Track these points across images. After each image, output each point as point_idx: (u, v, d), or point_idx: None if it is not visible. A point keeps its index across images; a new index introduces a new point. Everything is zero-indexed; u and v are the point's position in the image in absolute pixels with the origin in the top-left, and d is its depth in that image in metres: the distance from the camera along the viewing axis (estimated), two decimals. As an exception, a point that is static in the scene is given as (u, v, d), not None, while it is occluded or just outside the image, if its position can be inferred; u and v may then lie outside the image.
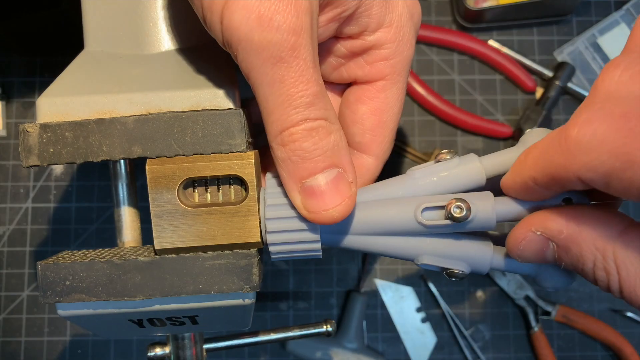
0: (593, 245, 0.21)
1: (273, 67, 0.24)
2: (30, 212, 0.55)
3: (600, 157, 0.18)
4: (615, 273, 0.21)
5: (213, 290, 0.27)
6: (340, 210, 0.25)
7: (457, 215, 0.25)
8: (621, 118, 0.18)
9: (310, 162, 0.25)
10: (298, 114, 0.24)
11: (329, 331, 0.38)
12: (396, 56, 0.31)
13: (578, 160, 0.19)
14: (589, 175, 0.19)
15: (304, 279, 0.55)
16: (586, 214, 0.22)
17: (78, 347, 0.54)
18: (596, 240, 0.21)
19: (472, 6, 0.54)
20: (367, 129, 0.31)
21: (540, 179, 0.22)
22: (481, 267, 0.27)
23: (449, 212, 0.25)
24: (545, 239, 0.23)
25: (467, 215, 0.25)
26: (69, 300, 0.27)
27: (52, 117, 0.27)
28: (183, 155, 0.27)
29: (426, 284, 0.55)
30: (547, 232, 0.23)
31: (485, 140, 0.56)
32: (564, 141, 0.19)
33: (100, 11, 0.32)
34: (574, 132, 0.19)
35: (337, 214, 0.25)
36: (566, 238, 0.22)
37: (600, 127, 0.18)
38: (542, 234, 0.23)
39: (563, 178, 0.20)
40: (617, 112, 0.18)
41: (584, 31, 0.57)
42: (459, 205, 0.25)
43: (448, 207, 0.25)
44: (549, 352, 0.53)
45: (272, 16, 0.23)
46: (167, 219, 0.27)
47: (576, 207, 0.23)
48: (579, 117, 0.19)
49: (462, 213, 0.25)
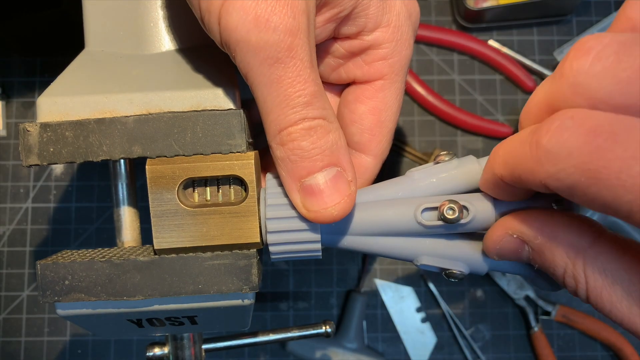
0: (565, 254, 0.22)
1: (270, 68, 0.24)
2: (30, 212, 0.55)
3: (566, 170, 0.18)
4: (584, 282, 0.21)
5: (212, 290, 0.27)
6: (339, 209, 0.25)
7: (450, 217, 0.25)
8: (591, 132, 0.18)
9: (308, 161, 0.25)
10: (296, 113, 0.25)
11: (328, 332, 0.38)
12: (394, 56, 0.31)
13: (545, 169, 0.19)
14: (555, 185, 0.19)
15: (304, 279, 0.55)
16: (561, 221, 0.23)
17: (78, 347, 0.54)
18: (568, 249, 0.22)
19: (472, 6, 0.54)
20: (365, 128, 0.31)
21: (507, 178, 0.22)
22: (480, 268, 0.27)
23: (441, 214, 0.26)
24: (521, 241, 0.24)
25: (460, 217, 0.25)
26: (68, 299, 0.27)
27: (52, 116, 0.27)
28: (183, 155, 0.27)
29: (426, 284, 0.55)
30: (523, 236, 0.23)
31: (485, 140, 0.56)
32: (534, 147, 0.19)
33: (101, 11, 0.32)
34: (544, 140, 0.19)
35: (337, 213, 0.25)
36: (540, 244, 0.23)
37: (570, 139, 0.18)
38: (518, 237, 0.24)
39: (529, 182, 0.20)
40: (587, 124, 0.18)
41: (584, 31, 0.57)
42: (451, 207, 0.25)
43: (441, 209, 0.26)
44: (549, 352, 0.53)
45: (269, 17, 0.23)
46: (167, 219, 0.27)
47: (553, 212, 0.23)
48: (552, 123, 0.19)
49: (455, 215, 0.25)
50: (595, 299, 0.21)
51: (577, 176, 0.18)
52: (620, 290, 0.21)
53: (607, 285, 0.21)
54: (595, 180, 0.17)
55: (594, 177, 0.17)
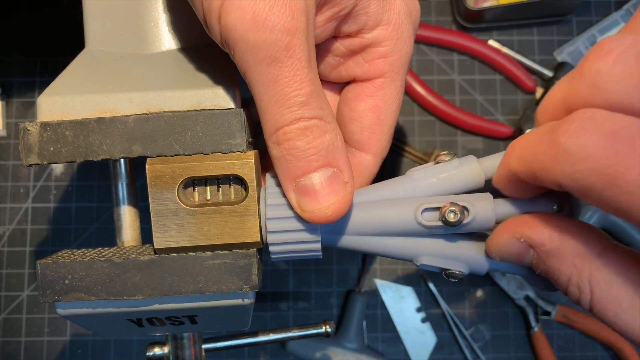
0: (572, 262, 0.22)
1: (268, 67, 0.24)
2: (30, 212, 0.55)
3: (583, 172, 0.18)
4: (588, 292, 0.21)
5: (212, 290, 0.27)
6: (334, 210, 0.25)
7: (451, 220, 0.25)
8: (610, 136, 0.18)
9: (303, 161, 0.25)
10: (292, 113, 0.25)
11: (328, 332, 0.38)
12: (394, 54, 0.31)
13: (562, 168, 0.19)
14: (570, 184, 0.19)
15: (304, 279, 0.55)
16: (570, 228, 0.22)
17: (78, 347, 0.54)
18: (575, 258, 0.22)
19: (472, 6, 0.54)
20: (365, 126, 0.31)
21: (522, 174, 0.22)
22: (480, 268, 0.27)
23: (443, 216, 0.25)
24: (527, 245, 0.23)
25: (461, 219, 0.25)
26: (68, 299, 0.27)
27: (52, 115, 0.27)
28: (183, 154, 0.27)
29: (426, 284, 0.55)
30: (529, 241, 0.23)
31: (485, 140, 0.56)
32: (552, 145, 0.19)
33: (101, 11, 0.32)
34: (563, 139, 0.19)
35: (331, 213, 0.25)
36: (547, 251, 0.22)
37: (589, 141, 0.18)
38: (525, 242, 0.23)
39: (545, 179, 0.20)
40: (607, 128, 0.18)
41: (584, 31, 0.57)
42: (453, 209, 0.25)
43: (442, 211, 0.26)
44: (549, 352, 0.53)
45: (267, 16, 0.23)
46: (167, 219, 0.27)
47: (561, 219, 0.23)
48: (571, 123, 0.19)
49: (457, 217, 0.25)
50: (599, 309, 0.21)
51: (594, 179, 0.18)
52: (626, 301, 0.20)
53: (612, 297, 0.21)
54: (612, 185, 0.17)
55: (611, 182, 0.17)
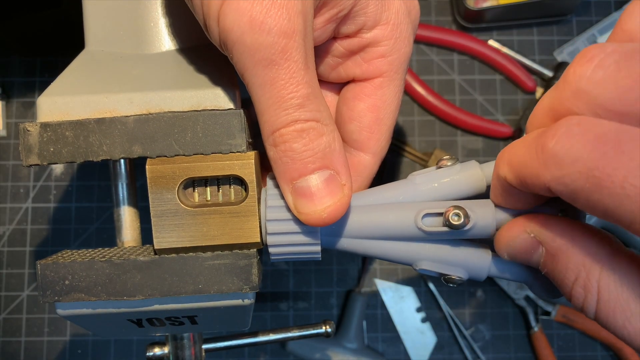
0: (581, 261, 0.21)
1: (265, 69, 0.24)
2: (30, 212, 0.55)
3: (571, 175, 0.18)
4: (595, 294, 0.21)
5: (212, 290, 0.27)
6: (330, 212, 0.25)
7: (455, 222, 0.25)
8: (597, 140, 0.18)
9: (300, 163, 0.25)
10: (288, 115, 0.25)
11: (328, 332, 0.38)
12: (393, 53, 0.31)
13: (551, 172, 0.19)
14: (558, 188, 0.19)
15: (304, 279, 0.55)
16: (581, 229, 0.22)
17: (78, 347, 0.54)
18: (585, 257, 0.21)
19: (472, 6, 0.54)
20: (364, 126, 0.31)
21: (512, 180, 0.22)
22: (479, 274, 0.27)
23: (446, 220, 0.25)
24: (537, 242, 0.23)
25: (465, 223, 0.25)
26: (68, 299, 0.27)
27: (52, 116, 0.27)
28: (183, 155, 0.27)
29: (426, 284, 0.55)
30: (540, 236, 0.23)
31: (485, 140, 0.56)
32: (540, 150, 0.19)
33: (101, 11, 0.32)
34: (551, 143, 0.19)
35: (327, 216, 0.25)
36: (557, 247, 0.22)
37: (576, 145, 0.18)
38: (535, 237, 0.23)
39: (534, 184, 0.20)
40: (593, 132, 0.18)
41: (584, 31, 0.57)
42: (457, 212, 0.25)
43: (446, 215, 0.25)
44: (549, 352, 0.53)
45: (264, 19, 0.23)
46: (167, 219, 0.27)
47: (572, 220, 0.23)
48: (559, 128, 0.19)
49: (460, 221, 0.25)
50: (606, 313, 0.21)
51: (582, 182, 0.18)
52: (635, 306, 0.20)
53: (622, 300, 0.20)
54: (599, 187, 0.18)
55: (598, 184, 0.18)
